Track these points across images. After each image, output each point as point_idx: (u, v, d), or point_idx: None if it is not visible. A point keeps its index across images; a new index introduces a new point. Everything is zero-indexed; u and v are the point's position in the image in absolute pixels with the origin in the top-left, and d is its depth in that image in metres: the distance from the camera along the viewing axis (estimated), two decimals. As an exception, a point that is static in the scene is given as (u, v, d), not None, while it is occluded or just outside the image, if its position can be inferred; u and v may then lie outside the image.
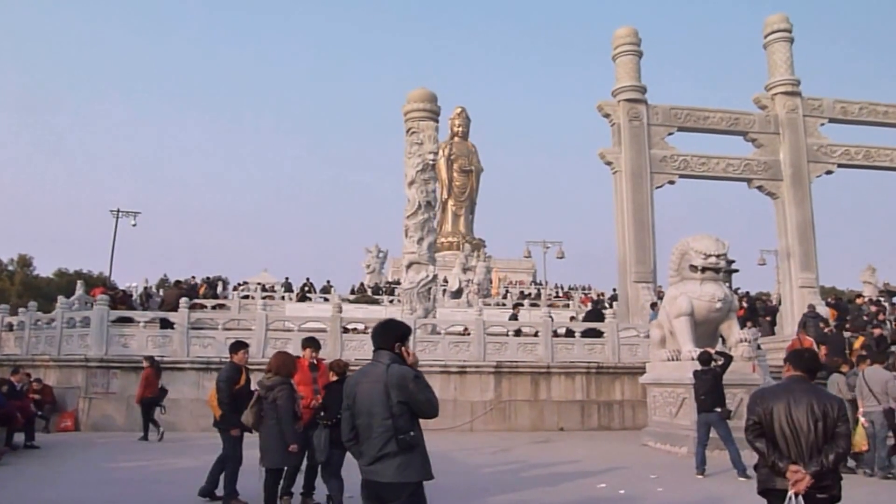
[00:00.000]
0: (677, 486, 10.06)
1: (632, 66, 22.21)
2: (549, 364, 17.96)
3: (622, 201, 21.61)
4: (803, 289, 21.76)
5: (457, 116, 52.29)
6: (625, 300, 21.28)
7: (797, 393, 4.58)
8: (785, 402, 4.53)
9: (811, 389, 4.65)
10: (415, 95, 20.26)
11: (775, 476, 4.50)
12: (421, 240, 19.48)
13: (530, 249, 40.89)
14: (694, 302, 13.98)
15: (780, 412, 4.50)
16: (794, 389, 4.63)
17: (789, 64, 23.52)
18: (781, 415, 4.50)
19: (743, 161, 22.76)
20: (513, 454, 13.48)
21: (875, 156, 23.77)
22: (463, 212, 51.27)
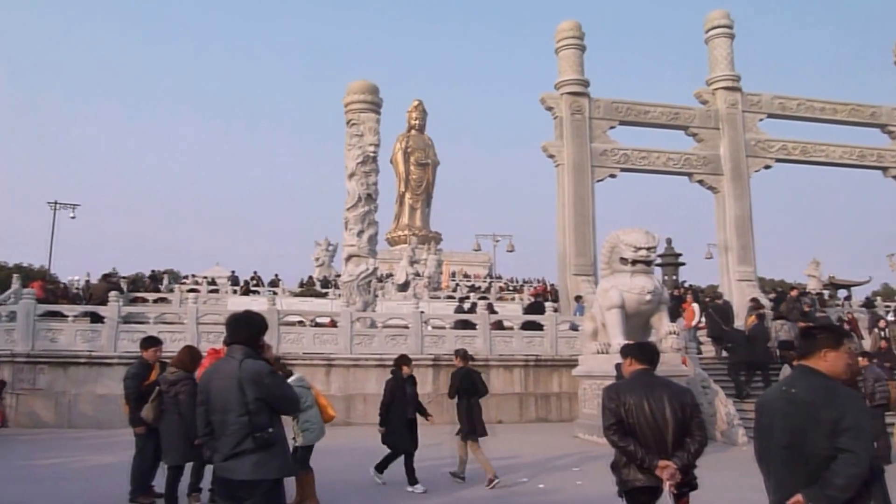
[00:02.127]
0: (597, 479, 10.08)
1: (575, 59, 22.27)
2: (487, 357, 17.95)
3: (564, 194, 21.70)
4: (741, 282, 22.12)
5: (414, 109, 52.04)
6: (565, 293, 21.40)
7: (652, 387, 4.52)
8: (642, 397, 4.45)
9: (663, 383, 4.62)
10: (355, 87, 20.01)
11: (639, 474, 4.42)
12: (361, 232, 19.29)
13: (480, 243, 41.00)
14: (624, 294, 14.08)
15: (641, 408, 4.42)
16: (648, 383, 4.56)
17: (730, 60, 23.85)
18: (642, 410, 4.42)
19: (683, 155, 23.03)
20: (444, 448, 13.42)
21: (812, 151, 24.27)
22: (420, 205, 51.12)
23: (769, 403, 3.67)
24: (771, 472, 3.55)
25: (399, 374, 9.66)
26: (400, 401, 9.41)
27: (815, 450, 3.33)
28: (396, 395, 9.41)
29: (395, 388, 9.47)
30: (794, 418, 3.42)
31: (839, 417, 3.31)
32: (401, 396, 9.44)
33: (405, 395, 9.49)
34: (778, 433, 3.49)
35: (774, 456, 3.51)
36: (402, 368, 9.72)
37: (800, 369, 3.67)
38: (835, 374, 3.57)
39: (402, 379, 9.62)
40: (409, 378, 9.75)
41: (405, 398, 9.47)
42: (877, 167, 24.91)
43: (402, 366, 9.77)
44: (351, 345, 17.38)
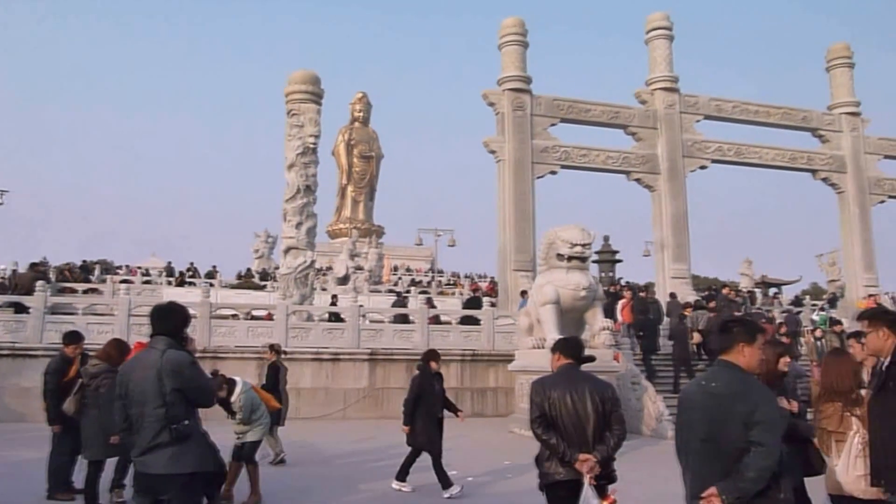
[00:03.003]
0: (527, 473, 10.04)
1: (517, 56, 22.33)
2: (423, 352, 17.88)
3: (505, 190, 21.76)
4: (675, 279, 22.59)
5: (357, 101, 51.49)
6: (504, 288, 21.49)
7: (576, 381, 4.58)
8: (565, 391, 4.51)
9: (587, 377, 4.68)
10: (296, 77, 19.64)
11: (560, 467, 4.48)
12: (299, 224, 18.98)
13: (422, 237, 40.91)
14: (560, 290, 14.19)
15: (563, 402, 4.48)
16: (572, 378, 4.63)
17: (669, 61, 24.28)
18: (565, 404, 4.47)
19: (622, 154, 23.36)
20: (380, 442, 13.36)
21: (746, 153, 24.94)
22: (363, 198, 50.66)
23: (689, 397, 3.73)
24: (688, 464, 3.61)
25: (427, 369, 9.12)
26: (428, 398, 8.88)
27: (730, 443, 3.40)
28: (424, 392, 8.90)
29: (424, 385, 8.93)
30: (712, 412, 3.48)
31: (752, 411, 3.38)
32: (429, 393, 8.91)
33: (433, 391, 8.98)
34: (697, 426, 3.54)
35: (693, 449, 3.57)
36: (430, 363, 9.18)
37: (719, 364, 3.73)
38: (751, 369, 3.65)
39: (431, 374, 9.08)
40: (437, 374, 9.22)
41: (433, 395, 8.96)
42: (807, 169, 25.77)
43: (430, 360, 9.21)
44: (286, 338, 17.10)
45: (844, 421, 4.88)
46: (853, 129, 26.11)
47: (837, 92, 26.61)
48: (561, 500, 4.50)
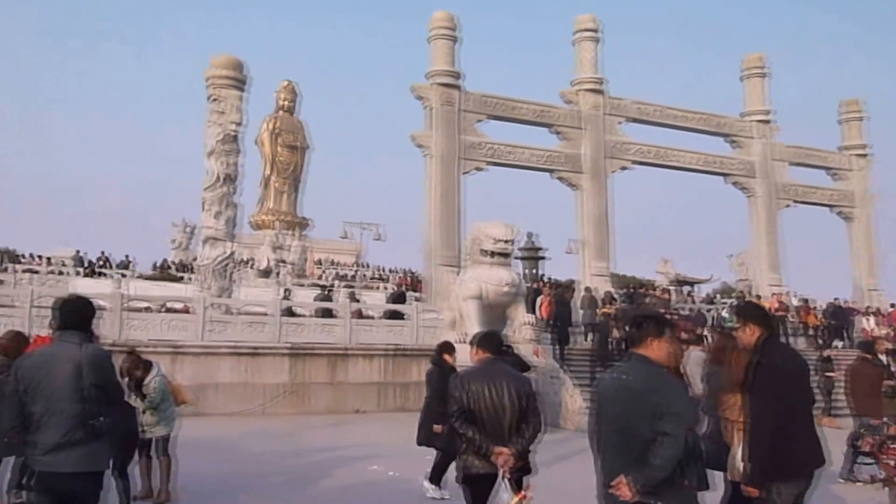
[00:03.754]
0: (450, 467, 10.17)
1: (447, 50, 22.32)
2: (347, 346, 17.73)
3: (432, 185, 21.74)
4: (596, 276, 23.10)
5: (283, 90, 50.36)
6: (430, 283, 21.49)
7: (495, 375, 4.63)
8: (484, 385, 4.56)
9: (505, 371, 4.74)
10: (219, 61, 19.03)
11: (478, 460, 4.52)
12: (219, 214, 18.44)
13: (348, 231, 40.45)
14: (484, 285, 14.32)
15: (482, 395, 4.52)
16: (491, 371, 4.67)
17: (595, 63, 24.78)
18: (484, 398, 4.52)
19: (548, 153, 23.71)
20: (300, 438, 13.17)
21: (666, 156, 25.74)
22: (287, 189, 49.63)
23: (604, 390, 3.85)
24: (601, 454, 3.72)
25: (443, 363, 8.57)
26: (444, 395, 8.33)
27: (641, 433, 3.51)
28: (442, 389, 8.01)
29: (442, 381, 8.08)
30: (625, 404, 3.60)
31: (661, 402, 3.51)
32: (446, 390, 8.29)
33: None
34: (610, 418, 3.66)
35: (606, 439, 3.69)
36: (446, 357, 8.63)
37: (632, 357, 3.85)
38: (660, 361, 3.78)
39: (448, 369, 8.43)
40: (452, 368, 8.52)
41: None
42: (721, 173, 26.84)
43: (444, 354, 8.66)
44: (203, 332, 16.59)
45: (743, 410, 5.07)
46: (764, 137, 27.35)
47: (751, 100, 27.81)
48: (479, 492, 4.54)
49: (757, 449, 4.24)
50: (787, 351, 4.68)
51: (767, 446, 4.16)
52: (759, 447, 4.22)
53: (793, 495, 4.22)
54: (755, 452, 4.25)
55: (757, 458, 4.23)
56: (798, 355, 4.70)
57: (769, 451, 4.15)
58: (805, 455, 4.26)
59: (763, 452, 4.19)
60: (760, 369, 4.39)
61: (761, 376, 4.37)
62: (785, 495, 4.18)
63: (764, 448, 4.18)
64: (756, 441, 4.25)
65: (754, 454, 4.26)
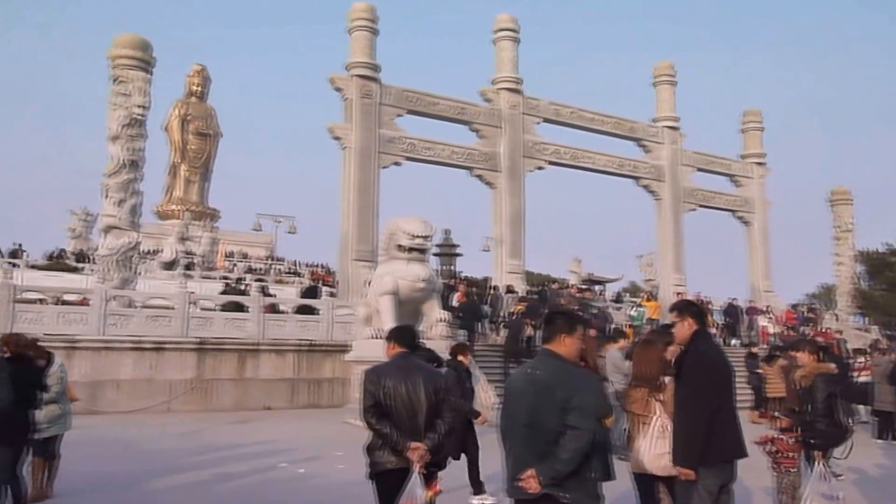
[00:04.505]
0: (360, 463, 9.91)
1: (366, 42, 22.03)
2: (258, 341, 17.27)
3: (349, 178, 21.42)
4: (511, 274, 23.39)
5: (195, 75, 48.48)
6: (345, 278, 21.19)
7: (409, 370, 4.62)
8: (400, 379, 4.54)
9: (420, 366, 4.74)
10: (123, 40, 18.08)
11: (391, 456, 4.50)
12: (122, 202, 17.54)
13: (261, 223, 39.38)
14: (399, 281, 14.23)
15: (397, 390, 4.50)
16: (406, 367, 4.65)
17: (514, 62, 25.04)
18: (399, 393, 4.49)
19: (466, 150, 23.80)
20: (205, 436, 12.76)
21: (580, 157, 26.32)
22: (197, 178, 47.87)
23: (515, 385, 3.87)
24: (511, 448, 3.75)
25: (459, 365, 8.24)
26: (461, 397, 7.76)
27: (549, 427, 3.57)
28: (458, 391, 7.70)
29: (459, 383, 7.86)
30: (534, 398, 3.64)
31: (570, 397, 3.56)
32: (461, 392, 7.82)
33: (464, 389, 8.04)
34: (520, 412, 3.68)
35: (516, 434, 3.70)
36: (461, 358, 8.32)
37: (543, 352, 3.91)
38: (571, 357, 3.85)
39: (465, 371, 8.24)
40: (467, 370, 8.34)
41: (464, 394, 7.99)
42: (632, 176, 27.69)
43: (460, 355, 8.34)
44: (103, 325, 15.78)
45: (649, 405, 5.26)
46: (673, 142, 28.41)
47: (661, 106, 28.82)
48: (390, 488, 4.50)
49: (686, 432, 4.39)
50: (716, 345, 4.89)
51: (695, 430, 4.32)
52: (688, 431, 4.38)
53: (717, 484, 4.34)
54: (684, 436, 4.40)
55: (685, 442, 4.37)
56: (723, 352, 4.90)
57: (697, 436, 4.31)
58: (729, 444, 4.40)
59: (691, 436, 4.34)
60: (692, 358, 4.55)
61: (692, 364, 4.52)
62: (710, 483, 4.31)
63: (692, 432, 4.34)
64: (685, 425, 4.41)
65: (683, 438, 4.41)
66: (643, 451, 5.15)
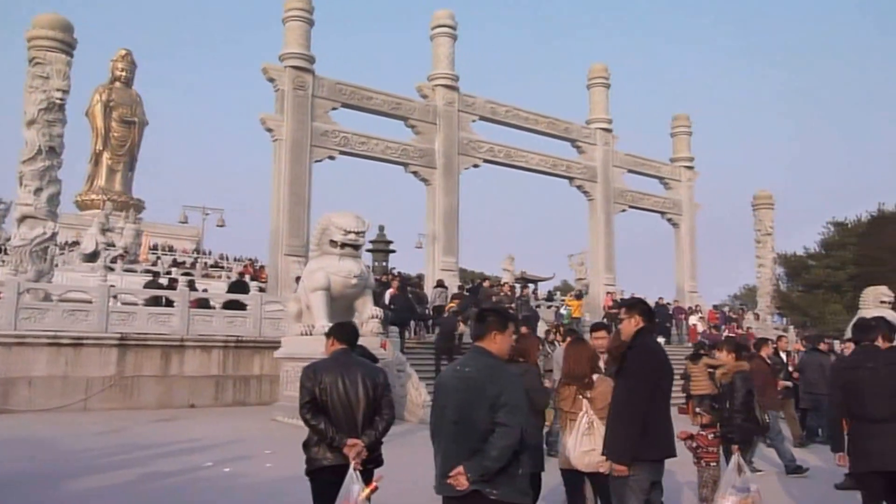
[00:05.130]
0: (289, 461, 9.73)
1: (301, 32, 21.57)
2: (183, 337, 16.72)
3: (280, 171, 20.96)
4: (444, 271, 23.39)
5: (120, 59, 46.56)
6: (275, 273, 20.76)
7: (348, 366, 4.60)
8: (338, 375, 4.53)
9: (359, 362, 4.72)
10: (42, 20, 17.15)
11: (328, 452, 4.50)
12: (39, 190, 16.67)
13: (188, 215, 38.14)
14: (331, 277, 14.02)
15: (335, 386, 4.49)
16: (344, 363, 4.64)
17: (451, 59, 25.01)
18: (336, 389, 4.49)
19: (401, 146, 23.65)
20: (126, 434, 12.29)
21: (515, 156, 26.53)
22: (121, 167, 46.03)
23: (445, 382, 3.87)
24: (440, 445, 3.77)
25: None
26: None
27: (479, 424, 3.57)
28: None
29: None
30: (464, 394, 3.64)
31: (499, 394, 3.57)
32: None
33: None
34: (450, 409, 3.69)
35: (446, 431, 3.72)
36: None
37: (474, 349, 3.91)
38: (502, 354, 3.88)
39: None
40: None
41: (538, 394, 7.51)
42: (565, 176, 28.10)
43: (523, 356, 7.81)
44: (16, 319, 14.98)
45: (577, 402, 5.33)
46: (605, 144, 28.99)
47: (595, 108, 29.36)
48: (326, 484, 4.47)
49: (623, 428, 4.41)
50: (658, 345, 4.92)
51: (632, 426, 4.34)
52: (625, 426, 4.39)
53: (648, 481, 4.38)
54: (621, 431, 4.42)
55: (621, 438, 4.39)
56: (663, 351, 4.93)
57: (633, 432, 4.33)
58: (664, 442, 4.45)
59: (627, 431, 4.37)
60: (636, 353, 4.59)
61: (636, 359, 4.56)
62: (641, 479, 4.34)
63: (629, 427, 4.36)
64: (623, 420, 4.42)
65: (619, 433, 4.43)
66: (570, 448, 5.21)
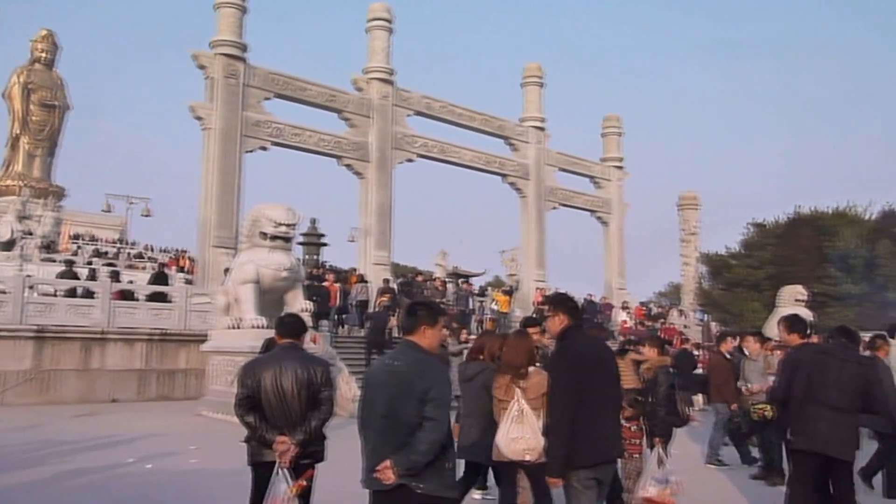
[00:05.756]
0: (214, 457, 9.67)
1: (234, 20, 21.09)
2: (105, 329, 16.22)
3: (210, 161, 20.46)
4: (377, 265, 23.35)
5: (41, 40, 44.21)
6: (203, 265, 20.28)
7: (285, 361, 4.53)
8: (273, 371, 4.46)
9: (299, 356, 4.63)
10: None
11: (264, 448, 4.45)
12: (-51, 174, 15.85)
13: (112, 204, 36.76)
14: (261, 269, 13.87)
15: (268, 382, 4.43)
16: (283, 357, 4.58)
17: (387, 52, 24.93)
18: (269, 384, 4.42)
19: (335, 138, 23.45)
20: (45, 430, 11.88)
21: (449, 152, 26.68)
22: (40, 152, 43.83)
23: (374, 375, 3.87)
24: (368, 439, 3.75)
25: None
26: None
27: (407, 418, 3.57)
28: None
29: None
30: (392, 388, 3.64)
31: (428, 388, 3.58)
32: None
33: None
34: (379, 402, 3.68)
35: (373, 424, 3.70)
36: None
37: (404, 343, 3.89)
38: (431, 349, 3.87)
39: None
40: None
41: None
42: (499, 173, 28.44)
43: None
44: (-78, 310, 14.25)
45: (509, 391, 5.36)
46: (538, 142, 29.48)
47: (528, 107, 29.80)
48: (264, 479, 4.45)
49: (551, 438, 4.28)
50: (589, 340, 4.66)
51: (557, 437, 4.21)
52: (553, 437, 4.25)
53: (591, 479, 4.27)
54: (550, 441, 4.30)
55: (551, 449, 4.28)
56: (600, 345, 4.74)
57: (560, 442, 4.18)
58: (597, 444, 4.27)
59: (554, 442, 4.24)
60: (555, 358, 4.49)
61: (555, 365, 4.46)
62: (584, 478, 4.24)
63: (555, 438, 4.23)
64: (550, 430, 4.30)
65: (550, 443, 4.31)
66: (500, 436, 5.21)
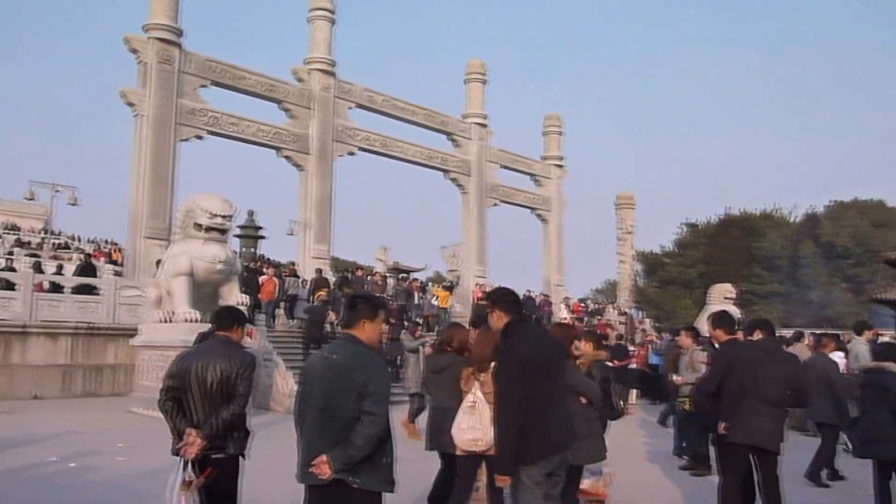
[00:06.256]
0: (144, 454, 9.27)
1: (170, 3, 20.23)
2: (26, 323, 15.44)
3: (142, 149, 19.69)
4: (316, 259, 22.99)
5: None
6: (134, 256, 19.55)
7: (212, 354, 4.47)
8: (199, 363, 4.40)
9: (225, 349, 4.54)
10: None
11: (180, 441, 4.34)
12: None
13: (36, 192, 35.04)
14: (195, 262, 13.48)
15: (193, 374, 4.37)
16: (209, 350, 4.54)
17: (329, 44, 24.56)
18: (193, 377, 4.37)
19: (274, 129, 22.95)
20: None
21: (390, 146, 26.49)
22: (-42, 138, 41.87)
23: (312, 369, 3.81)
24: (304, 433, 3.71)
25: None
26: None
27: (344, 412, 3.54)
28: None
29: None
30: (330, 382, 3.59)
31: (367, 382, 3.54)
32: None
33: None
34: (316, 396, 3.63)
35: (310, 418, 3.66)
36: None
37: (343, 337, 3.85)
38: (371, 343, 3.83)
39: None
40: None
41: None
42: (441, 169, 28.41)
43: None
44: None
45: (469, 382, 5.37)
46: (480, 139, 29.58)
47: (471, 103, 29.87)
48: None
49: (500, 435, 4.21)
50: (533, 336, 4.52)
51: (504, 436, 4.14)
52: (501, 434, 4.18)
53: (542, 475, 4.21)
54: (498, 439, 4.23)
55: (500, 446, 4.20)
56: (546, 340, 4.64)
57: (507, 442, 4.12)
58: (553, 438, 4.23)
59: (501, 443, 4.17)
60: (503, 354, 4.37)
61: (499, 365, 4.37)
62: (535, 474, 4.17)
63: (502, 438, 4.16)
64: (499, 428, 4.22)
65: (498, 441, 4.24)
66: (453, 427, 5.17)
